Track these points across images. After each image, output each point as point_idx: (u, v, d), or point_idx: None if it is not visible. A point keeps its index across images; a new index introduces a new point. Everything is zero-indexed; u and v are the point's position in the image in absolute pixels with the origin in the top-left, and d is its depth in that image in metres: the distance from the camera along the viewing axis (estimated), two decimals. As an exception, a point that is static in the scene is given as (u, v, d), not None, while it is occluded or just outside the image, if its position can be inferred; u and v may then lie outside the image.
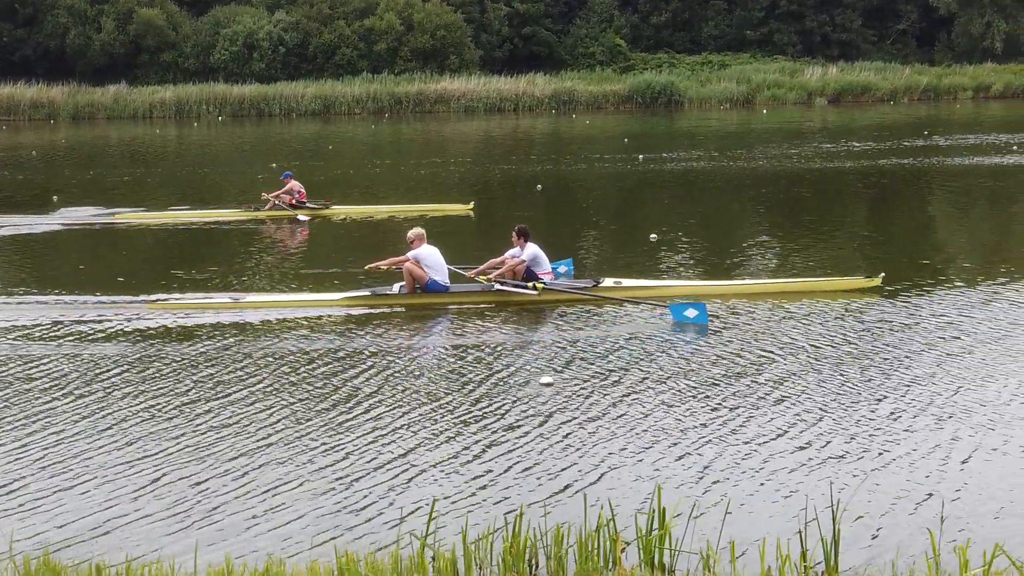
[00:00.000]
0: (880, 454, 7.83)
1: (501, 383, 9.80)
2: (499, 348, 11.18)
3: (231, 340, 11.66)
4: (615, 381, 9.80)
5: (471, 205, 21.79)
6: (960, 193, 24.36)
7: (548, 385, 9.59)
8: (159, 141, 45.71)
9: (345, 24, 63.75)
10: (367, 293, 13.50)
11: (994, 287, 13.43)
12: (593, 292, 13.21)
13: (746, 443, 8.08)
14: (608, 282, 13.58)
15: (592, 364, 10.40)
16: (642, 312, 12.51)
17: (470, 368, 10.39)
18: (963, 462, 7.67)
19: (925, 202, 23.38)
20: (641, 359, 10.58)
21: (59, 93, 58.91)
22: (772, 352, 10.68)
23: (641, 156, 31.84)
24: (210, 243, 19.50)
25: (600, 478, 7.43)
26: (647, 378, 9.88)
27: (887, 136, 37.80)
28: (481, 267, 13.88)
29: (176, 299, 13.66)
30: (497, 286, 13.42)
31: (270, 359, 10.82)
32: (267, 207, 21.63)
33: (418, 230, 13.72)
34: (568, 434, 8.36)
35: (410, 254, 13.40)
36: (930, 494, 7.05)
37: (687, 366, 10.27)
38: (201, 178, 30.76)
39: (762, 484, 7.26)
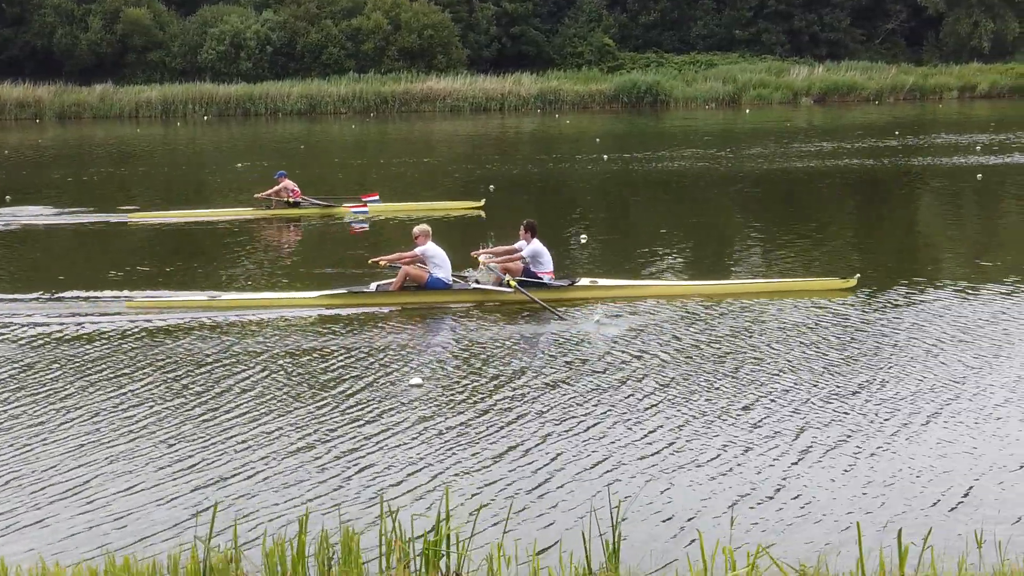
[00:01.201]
0: (695, 459, 7.92)
1: (377, 385, 9.88)
2: (409, 348, 11.26)
3: (154, 340, 11.73)
4: (498, 384, 9.86)
5: (483, 203, 21.83)
6: (926, 193, 24.54)
7: (417, 387, 9.67)
8: (138, 141, 45.81)
9: (332, 23, 63.85)
10: (343, 292, 13.54)
11: (947, 291, 13.43)
12: (552, 295, 13.24)
13: (574, 448, 8.15)
14: (584, 281, 13.69)
15: (489, 366, 10.47)
16: (586, 315, 12.61)
17: (361, 369, 10.43)
18: (789, 468, 7.76)
19: (891, 202, 23.46)
20: (548, 362, 10.61)
21: (45, 92, 59.04)
22: (672, 354, 10.76)
23: (606, 156, 31.92)
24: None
25: (404, 482, 7.51)
26: (536, 381, 9.91)
27: (860, 136, 37.81)
28: (487, 250, 14.02)
29: (153, 298, 13.74)
30: (474, 285, 13.52)
31: (180, 360, 10.87)
32: (273, 206, 21.78)
33: (424, 227, 13.83)
34: (400, 438, 8.43)
35: (417, 250, 13.50)
36: (728, 499, 7.15)
37: (585, 370, 10.29)
38: (167, 178, 30.88)
39: (560, 487, 7.35)
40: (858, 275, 13.63)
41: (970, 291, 13.40)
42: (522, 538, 6.23)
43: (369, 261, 14.23)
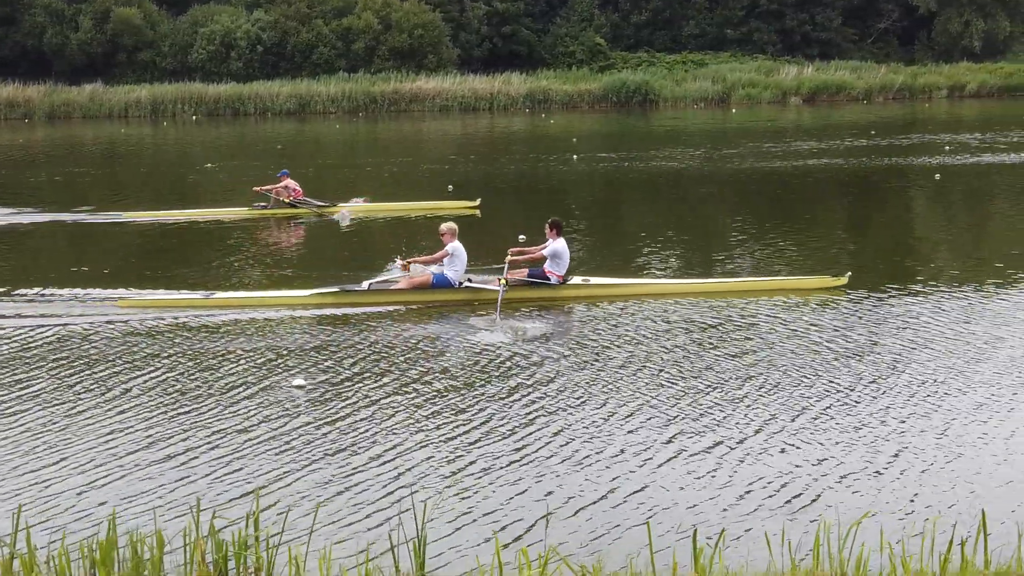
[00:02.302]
0: (562, 463, 7.95)
1: (262, 387, 9.90)
2: (330, 349, 11.28)
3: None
4: (381, 386, 9.87)
5: (478, 202, 21.85)
6: (887, 193, 24.53)
7: (300, 388, 9.71)
8: (123, 141, 45.92)
9: (323, 23, 63.99)
10: (335, 290, 13.62)
11: (920, 292, 13.48)
12: (543, 294, 13.43)
13: (411, 453, 8.17)
14: (576, 280, 13.82)
15: (395, 367, 10.51)
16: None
17: (266, 370, 10.46)
18: (653, 472, 7.80)
19: (855, 202, 23.56)
20: (462, 363, 10.63)
21: (35, 92, 59.23)
22: (587, 357, 10.81)
23: (575, 156, 31.92)
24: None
25: (228, 484, 7.55)
26: (432, 385, 9.94)
27: (839, 136, 37.73)
28: (517, 248, 14.19)
29: (146, 296, 13.78)
30: (465, 283, 13.62)
31: (97, 361, 10.92)
32: (271, 204, 21.84)
33: (451, 224, 13.99)
34: (240, 440, 8.46)
35: (448, 248, 13.66)
36: (565, 502, 7.22)
37: (499, 372, 10.30)
38: (143, 178, 31.00)
39: (378, 491, 7.39)
40: (849, 273, 13.69)
41: (938, 290, 13.53)
42: (333, 541, 6.27)
43: (400, 263, 14.18)
